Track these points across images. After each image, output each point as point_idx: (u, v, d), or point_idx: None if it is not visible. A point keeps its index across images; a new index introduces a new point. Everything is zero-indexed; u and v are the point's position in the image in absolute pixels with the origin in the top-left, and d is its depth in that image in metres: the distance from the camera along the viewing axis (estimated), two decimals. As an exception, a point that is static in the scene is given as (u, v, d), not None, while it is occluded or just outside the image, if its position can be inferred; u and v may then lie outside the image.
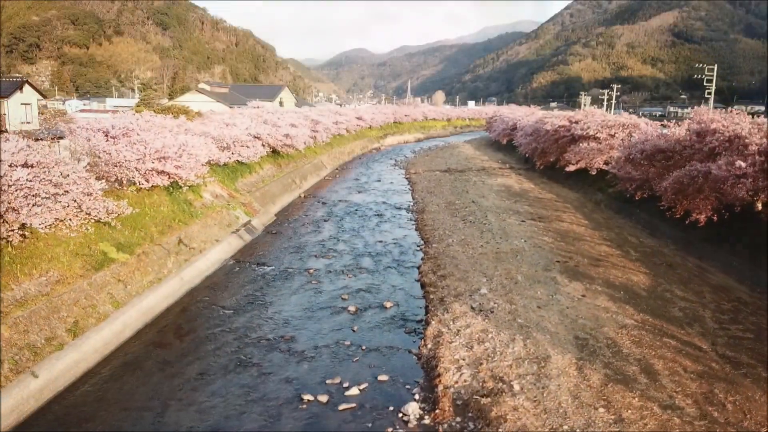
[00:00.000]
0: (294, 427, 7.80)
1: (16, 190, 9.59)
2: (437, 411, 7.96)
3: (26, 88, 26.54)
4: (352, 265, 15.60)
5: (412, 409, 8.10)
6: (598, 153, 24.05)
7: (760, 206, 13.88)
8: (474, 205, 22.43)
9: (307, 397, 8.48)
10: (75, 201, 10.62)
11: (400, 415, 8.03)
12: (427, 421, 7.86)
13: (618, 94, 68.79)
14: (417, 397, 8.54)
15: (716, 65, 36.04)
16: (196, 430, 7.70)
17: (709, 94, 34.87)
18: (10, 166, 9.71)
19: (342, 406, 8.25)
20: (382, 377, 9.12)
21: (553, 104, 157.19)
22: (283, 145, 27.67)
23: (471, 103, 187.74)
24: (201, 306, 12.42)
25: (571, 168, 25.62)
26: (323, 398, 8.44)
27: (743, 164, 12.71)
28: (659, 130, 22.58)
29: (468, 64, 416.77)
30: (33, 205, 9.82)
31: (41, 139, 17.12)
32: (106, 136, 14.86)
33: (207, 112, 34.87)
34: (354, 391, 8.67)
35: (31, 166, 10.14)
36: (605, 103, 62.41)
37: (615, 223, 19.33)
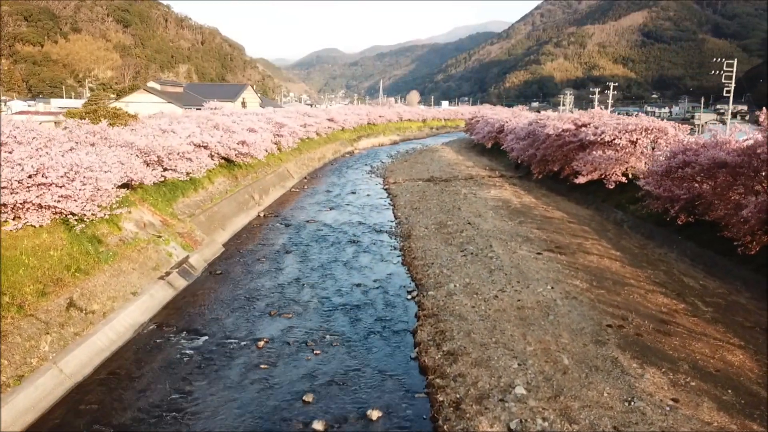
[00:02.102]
0: None
1: None
2: None
3: None
4: (321, 329, 11.23)
5: None
6: (616, 163, 20.15)
7: None
8: (471, 228, 18.27)
9: None
10: None
11: None
12: None
13: (604, 92, 65.75)
14: None
15: (735, 60, 32.80)
16: None
17: (728, 92, 31.55)
18: None
19: None
20: None
21: (535, 104, 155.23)
22: (238, 153, 23.10)
23: (445, 103, 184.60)
24: (79, 426, 7.89)
25: (581, 180, 21.73)
26: None
27: None
28: (690, 136, 18.84)
29: (440, 63, 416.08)
30: None
31: None
32: (-41, 152, 10.17)
33: (155, 114, 30.07)
34: None
35: None
36: (596, 102, 59.13)
37: (655, 254, 15.36)
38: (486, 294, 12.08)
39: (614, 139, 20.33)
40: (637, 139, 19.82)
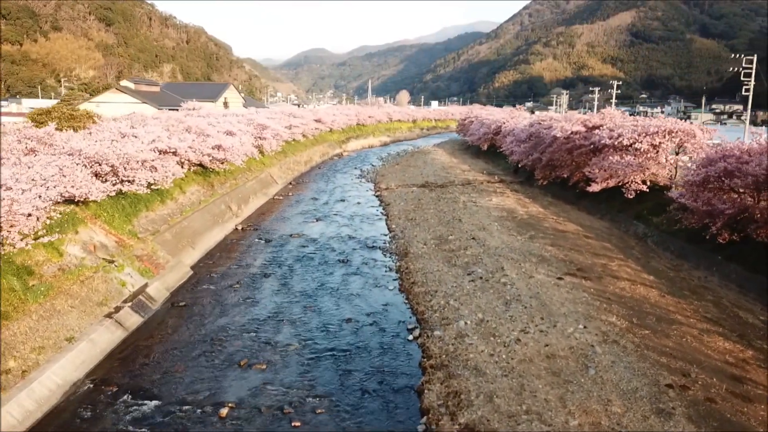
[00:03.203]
0: None
1: None
2: None
3: None
4: (301, 387, 8.92)
5: None
6: (636, 169, 18.04)
7: None
8: (476, 245, 16.05)
9: None
10: None
11: None
12: None
13: (600, 92, 64.08)
14: None
15: (755, 56, 30.87)
16: None
17: (747, 91, 29.62)
18: None
19: None
20: None
21: (529, 104, 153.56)
22: (212, 159, 20.72)
23: (434, 104, 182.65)
24: None
25: (594, 187, 19.61)
26: None
27: None
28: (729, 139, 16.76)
29: (429, 63, 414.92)
30: None
31: None
32: None
33: (124, 116, 27.58)
34: None
35: None
36: (595, 102, 57.30)
37: (693, 279, 13.23)
38: (505, 336, 9.85)
39: (633, 143, 18.20)
40: (659, 142, 17.71)
